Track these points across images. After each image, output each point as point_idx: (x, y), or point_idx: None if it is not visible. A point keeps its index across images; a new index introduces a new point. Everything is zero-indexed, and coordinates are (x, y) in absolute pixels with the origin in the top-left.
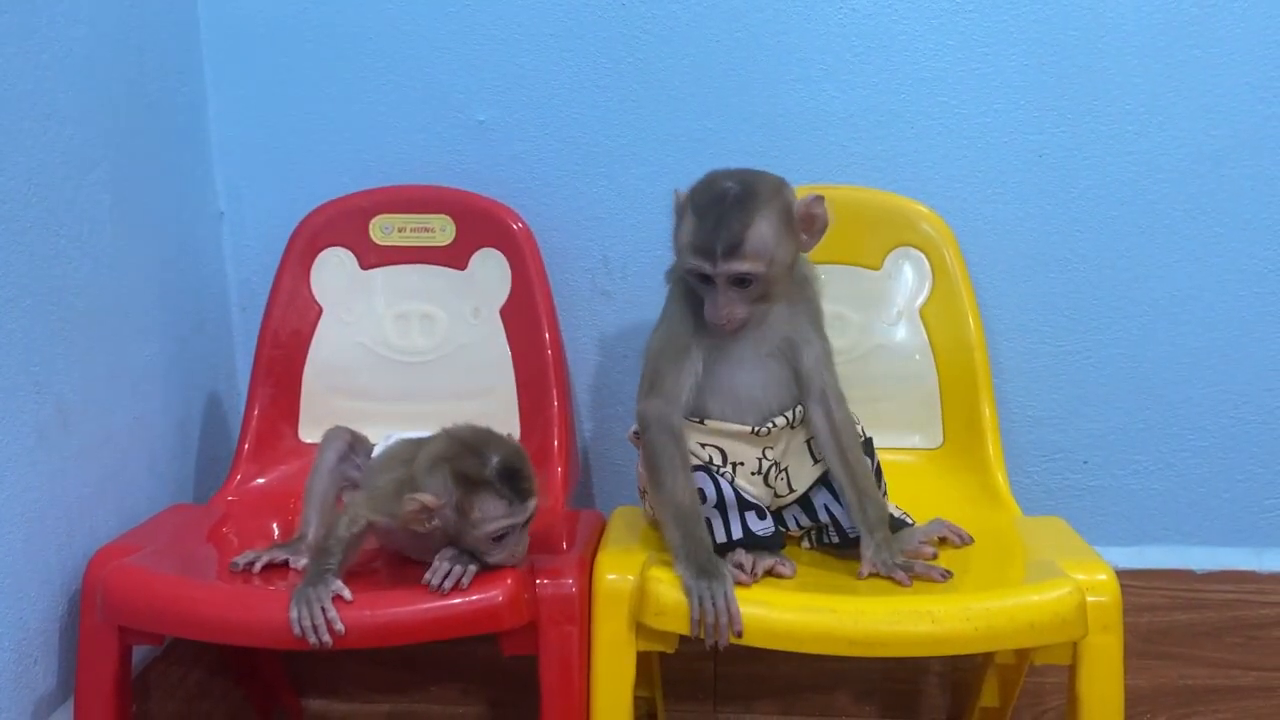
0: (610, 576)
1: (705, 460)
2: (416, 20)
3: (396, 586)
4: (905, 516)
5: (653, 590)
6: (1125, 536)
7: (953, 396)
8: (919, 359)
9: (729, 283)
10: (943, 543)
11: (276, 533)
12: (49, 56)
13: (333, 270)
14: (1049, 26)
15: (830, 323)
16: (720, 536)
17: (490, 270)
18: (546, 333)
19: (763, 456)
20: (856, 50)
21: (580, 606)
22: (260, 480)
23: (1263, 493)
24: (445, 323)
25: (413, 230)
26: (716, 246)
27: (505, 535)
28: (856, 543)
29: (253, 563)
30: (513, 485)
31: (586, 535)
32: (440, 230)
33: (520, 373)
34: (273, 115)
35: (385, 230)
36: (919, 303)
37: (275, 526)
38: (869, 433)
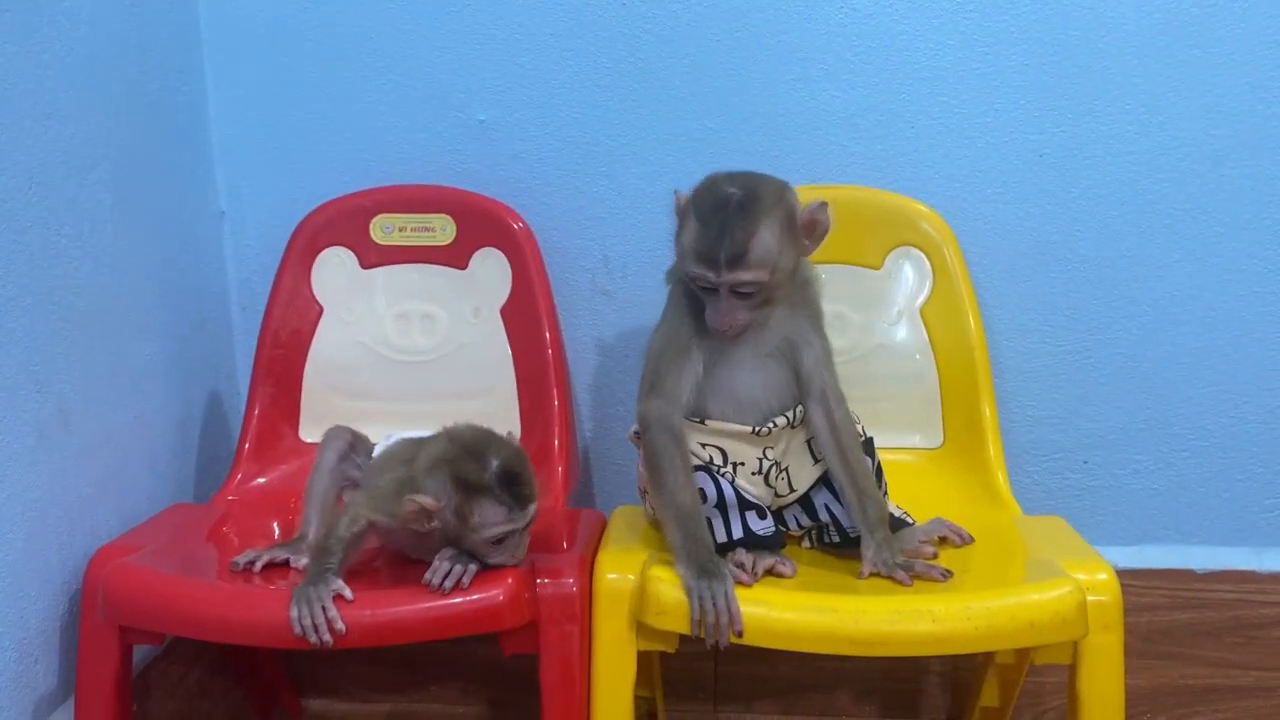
0: (611, 576)
1: (706, 460)
2: (417, 20)
3: (397, 586)
4: (905, 516)
5: (653, 590)
6: (1125, 536)
7: (953, 396)
8: (919, 358)
9: (731, 291)
10: (943, 542)
11: (277, 532)
12: (50, 56)
13: (333, 270)
14: (1049, 26)
15: (831, 322)
16: (721, 536)
17: (491, 270)
18: (547, 332)
19: (763, 456)
20: (857, 50)
21: (581, 606)
22: (261, 480)
23: (1263, 492)
24: (446, 322)
25: (413, 230)
26: (720, 256)
27: (505, 539)
28: (857, 542)
29: (253, 562)
30: (512, 491)
31: (587, 535)
32: (441, 230)
33: (520, 372)
34: (273, 115)
35: (386, 230)
36: (919, 302)
37: (276, 526)
38: (869, 432)
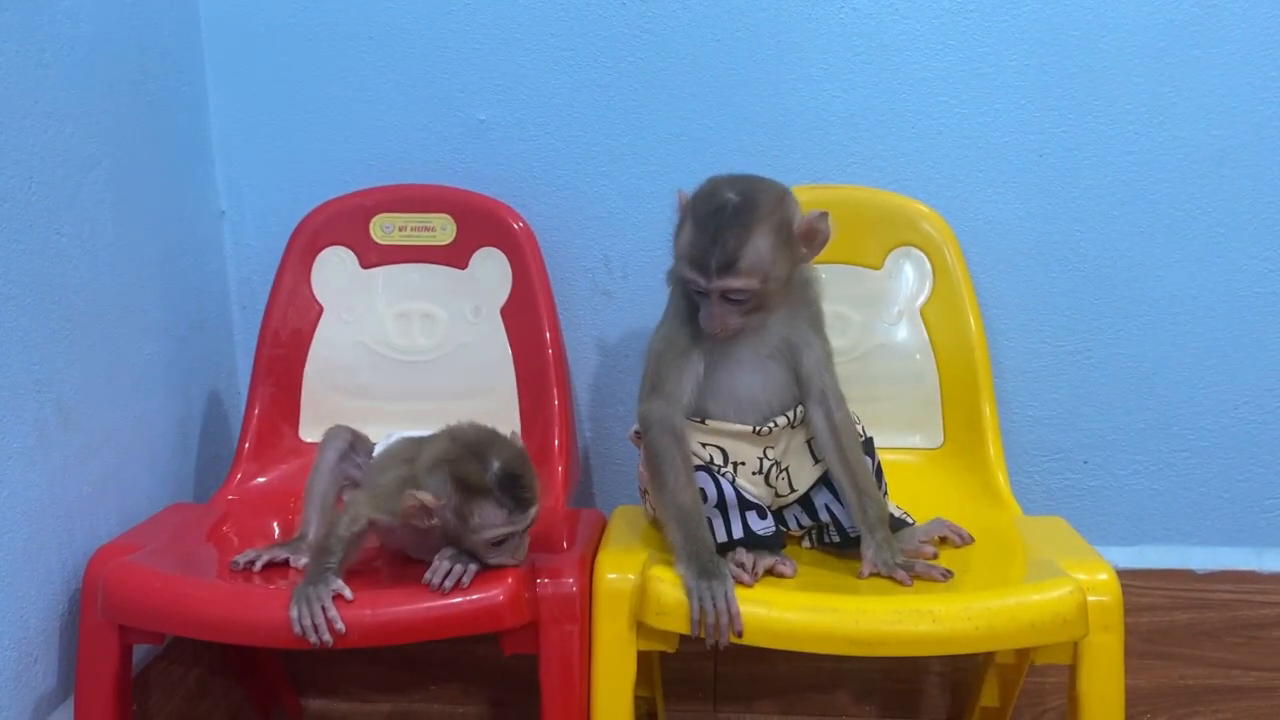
0: (611, 576)
1: (706, 460)
2: (417, 19)
3: (397, 585)
4: (906, 516)
5: (653, 590)
6: (1125, 536)
7: (953, 396)
8: (919, 358)
9: (722, 296)
10: (943, 542)
11: (277, 532)
12: (50, 55)
13: (333, 269)
14: (1049, 26)
15: (831, 322)
16: (721, 536)
17: (491, 269)
18: (547, 332)
19: (764, 456)
20: (857, 50)
21: (581, 606)
22: (261, 479)
23: (1263, 493)
24: (446, 322)
25: (413, 229)
26: (711, 262)
27: (505, 540)
28: (857, 542)
29: (253, 562)
30: (513, 494)
31: (587, 534)
32: (441, 229)
33: (521, 372)
34: (274, 114)
35: (386, 229)
36: (920, 302)
37: (276, 525)
38: (869, 432)
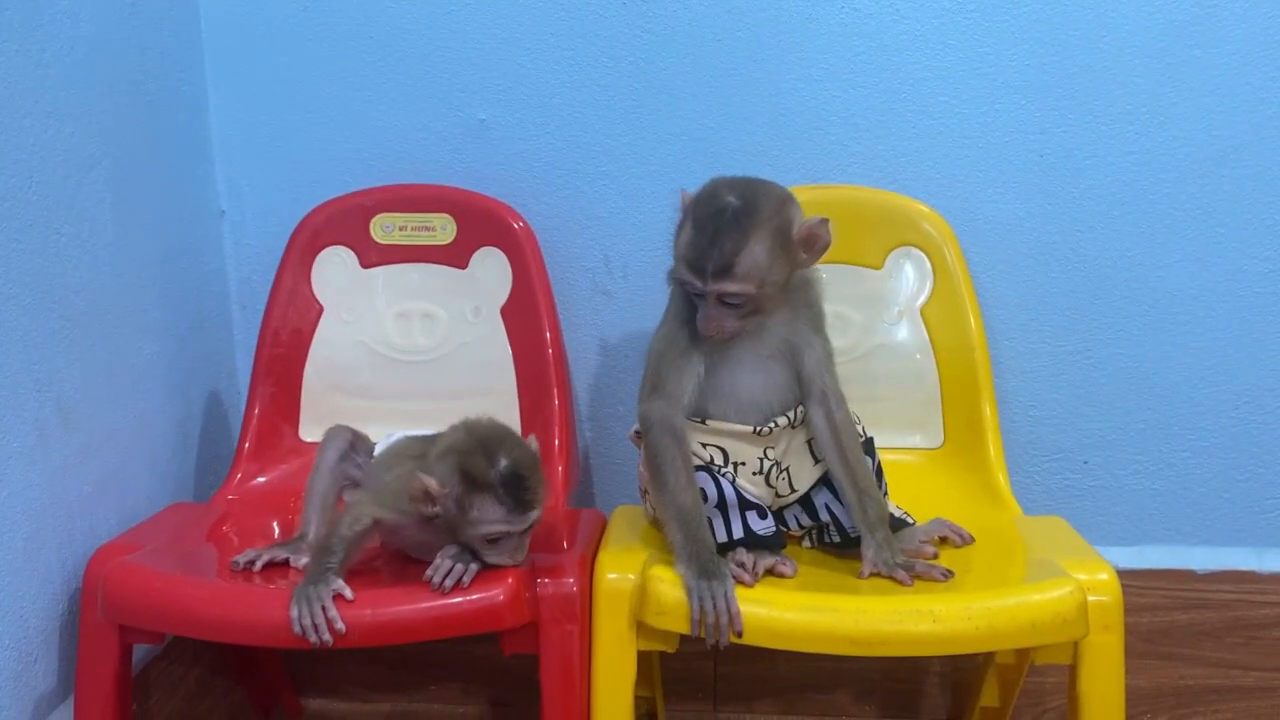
0: (611, 576)
1: (707, 460)
2: (417, 19)
3: (397, 585)
4: (906, 516)
5: (654, 589)
6: (1126, 536)
7: (953, 396)
8: (920, 358)
9: (718, 300)
10: (943, 542)
11: (277, 532)
12: (50, 54)
13: (333, 269)
14: (1050, 26)
15: (831, 322)
16: (721, 536)
17: (491, 269)
18: (547, 332)
19: (764, 456)
20: (858, 50)
21: (581, 605)
22: (261, 479)
23: (1263, 493)
24: (446, 322)
25: (413, 229)
26: (707, 265)
27: (501, 539)
28: (857, 542)
29: (253, 561)
30: (515, 494)
31: (587, 534)
32: (441, 229)
33: (521, 372)
34: (274, 114)
35: (386, 229)
36: (920, 302)
37: (276, 525)
38: (870, 432)
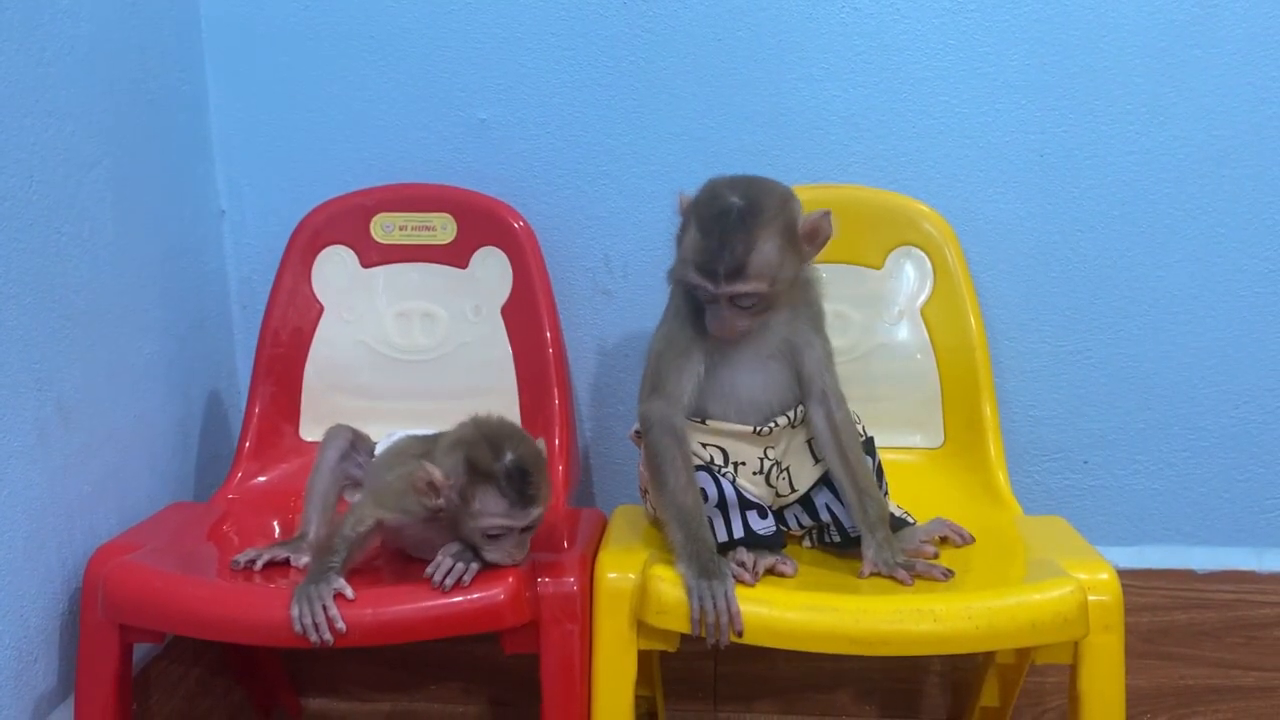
0: (611, 575)
1: (707, 460)
2: (417, 19)
3: (398, 584)
4: (906, 516)
5: (654, 589)
6: (1126, 536)
7: (954, 396)
8: (920, 358)
9: (731, 301)
10: (944, 542)
11: (277, 531)
12: (51, 53)
13: (334, 268)
14: (1050, 26)
15: (831, 322)
16: (722, 535)
17: (491, 269)
18: (547, 331)
19: (764, 456)
20: (858, 49)
21: (581, 605)
22: (261, 478)
23: (1263, 493)
24: (446, 321)
25: (414, 229)
26: (719, 268)
27: (502, 535)
28: (858, 542)
29: (254, 561)
30: (518, 488)
31: (588, 534)
32: (441, 229)
33: (521, 371)
34: (274, 113)
35: (386, 228)
36: (920, 302)
37: (276, 525)
38: (870, 432)
